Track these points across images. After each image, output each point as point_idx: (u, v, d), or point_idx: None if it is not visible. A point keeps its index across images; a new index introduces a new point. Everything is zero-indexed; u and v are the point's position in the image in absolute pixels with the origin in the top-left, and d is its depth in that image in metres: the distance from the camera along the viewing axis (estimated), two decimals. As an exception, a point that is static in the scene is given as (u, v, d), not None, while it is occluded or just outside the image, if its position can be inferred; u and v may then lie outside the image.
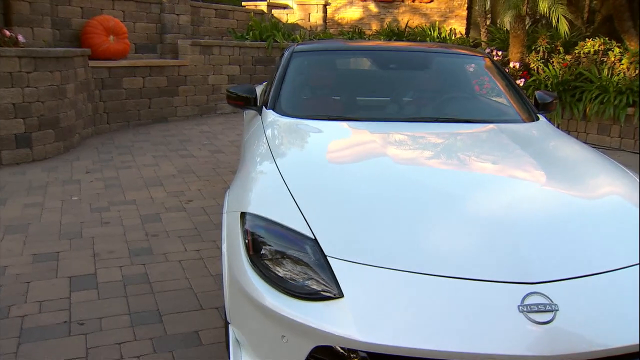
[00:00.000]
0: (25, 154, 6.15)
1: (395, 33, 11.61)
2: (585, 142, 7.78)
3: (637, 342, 1.81)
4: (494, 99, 3.69)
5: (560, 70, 8.26)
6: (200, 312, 3.09)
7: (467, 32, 12.46)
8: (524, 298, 1.81)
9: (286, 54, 3.81)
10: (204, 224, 4.43)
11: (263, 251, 2.04)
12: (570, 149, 2.94)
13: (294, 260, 1.97)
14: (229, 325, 2.21)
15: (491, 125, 3.19)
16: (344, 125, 3.09)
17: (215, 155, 6.78)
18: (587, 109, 7.84)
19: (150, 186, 5.45)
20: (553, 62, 8.46)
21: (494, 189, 2.37)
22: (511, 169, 2.62)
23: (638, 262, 2.03)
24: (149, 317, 3.02)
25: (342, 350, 1.84)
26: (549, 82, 8.19)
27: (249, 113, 3.90)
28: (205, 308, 3.13)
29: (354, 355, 1.82)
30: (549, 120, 3.55)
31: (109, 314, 3.03)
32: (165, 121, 8.94)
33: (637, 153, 7.31)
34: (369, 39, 11.48)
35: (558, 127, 8.13)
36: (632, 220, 2.25)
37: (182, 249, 3.94)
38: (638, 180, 2.60)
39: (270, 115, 3.23)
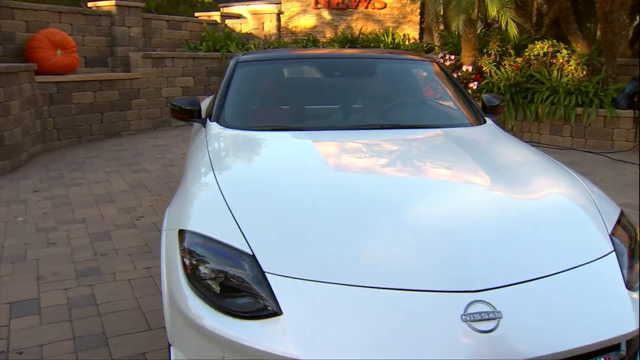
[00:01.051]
0: (-32, 175, 5.93)
1: (349, 40, 11.66)
2: (538, 143, 7.94)
3: (583, 345, 1.80)
4: (441, 103, 3.69)
5: (511, 72, 8.40)
6: (148, 332, 2.98)
7: (421, 37, 12.60)
8: (466, 307, 1.78)
9: (230, 64, 3.74)
10: (155, 240, 4.32)
11: (201, 269, 1.97)
12: (515, 152, 2.95)
13: (232, 278, 1.91)
14: (170, 347, 2.13)
15: (438, 130, 3.18)
16: (287, 136, 3.04)
17: (168, 169, 6.65)
18: (539, 110, 7.98)
19: (100, 203, 5.30)
20: (505, 64, 8.60)
21: (437, 195, 2.35)
22: (455, 173, 2.60)
23: (581, 263, 2.03)
24: (94, 341, 2.90)
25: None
26: (502, 84, 8.32)
27: (195, 126, 3.82)
28: (154, 328, 3.02)
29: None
30: (497, 123, 3.56)
31: (51, 340, 2.90)
32: (119, 135, 8.75)
33: (587, 152, 7.47)
34: (323, 47, 11.50)
35: (512, 129, 8.28)
36: (575, 221, 2.26)
37: (132, 268, 3.82)
38: (581, 180, 2.61)
39: (213, 127, 3.16)
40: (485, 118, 3.48)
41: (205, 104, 4.32)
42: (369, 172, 2.57)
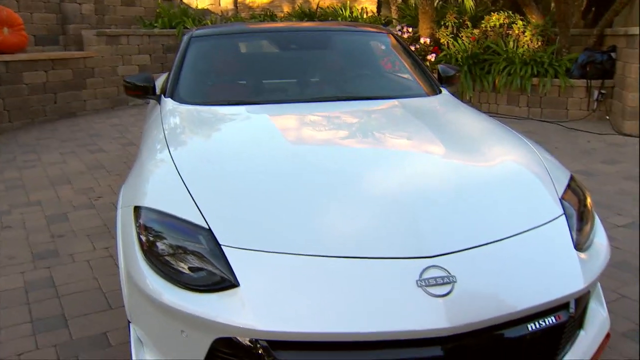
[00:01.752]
0: None
1: (306, 14, 11.55)
2: (496, 113, 8.06)
3: (533, 305, 1.86)
4: (397, 74, 3.71)
5: (469, 44, 8.47)
6: (109, 312, 2.96)
7: (379, 11, 12.56)
8: (422, 272, 1.81)
9: (184, 39, 3.68)
10: (115, 222, 4.25)
11: (158, 245, 1.96)
12: (469, 120, 2.99)
13: (188, 252, 1.90)
14: (130, 324, 2.12)
15: (394, 101, 3.20)
16: (243, 109, 3.01)
17: (127, 148, 6.53)
18: (496, 81, 8.08)
19: (56, 185, 5.18)
20: (462, 36, 8.66)
21: (391, 164, 2.37)
22: (410, 143, 2.63)
23: (532, 227, 2.09)
24: (53, 323, 2.86)
25: (244, 342, 1.79)
26: (459, 56, 8.38)
27: (151, 103, 3.75)
28: (115, 307, 3.00)
29: (258, 346, 1.78)
30: (453, 93, 3.60)
31: (8, 325, 2.85)
32: (74, 116, 8.54)
33: (543, 121, 7.62)
34: (280, 21, 11.38)
35: (470, 100, 8.37)
36: (527, 186, 2.31)
37: (91, 248, 3.76)
38: (533, 147, 2.66)
39: (168, 103, 3.11)
40: (441, 88, 3.52)
41: (160, 81, 4.25)
42: (326, 144, 2.57)
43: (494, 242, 1.96)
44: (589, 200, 2.39)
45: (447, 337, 1.76)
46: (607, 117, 7.31)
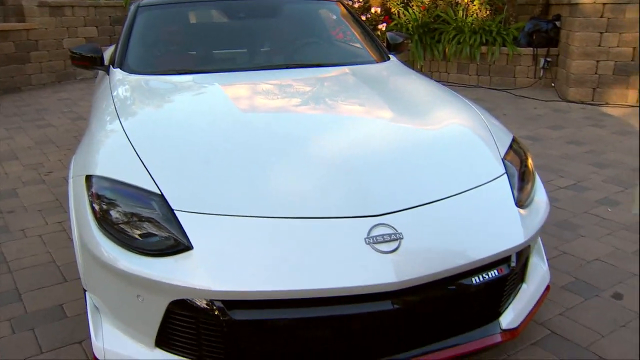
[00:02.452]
0: None
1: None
2: (447, 82, 8.19)
3: (477, 259, 1.96)
4: (346, 42, 3.75)
5: (419, 13, 8.54)
6: (63, 285, 2.95)
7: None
8: (369, 230, 1.89)
9: (131, 9, 3.62)
10: (66, 194, 4.20)
11: (111, 213, 1.97)
12: (415, 85, 3.06)
13: (142, 218, 1.92)
14: (86, 292, 2.14)
15: (344, 68, 3.25)
16: (193, 78, 3.01)
17: (76, 122, 6.39)
18: (446, 50, 8.20)
19: (3, 161, 5.05)
20: (412, 5, 8.71)
21: (339, 128, 2.42)
22: (358, 108, 2.68)
23: (475, 185, 2.18)
24: (6, 297, 2.84)
25: (200, 304, 1.83)
26: (410, 25, 8.45)
27: (99, 74, 3.70)
28: (70, 280, 2.99)
29: (214, 307, 1.82)
30: (401, 60, 3.67)
31: (-40, 300, 2.82)
32: (19, 91, 8.27)
33: (492, 89, 7.79)
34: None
35: (421, 69, 8.48)
36: (470, 147, 2.40)
37: (43, 223, 3.72)
38: (476, 110, 2.76)
39: (117, 73, 3.08)
40: (389, 55, 3.58)
41: (108, 52, 4.17)
42: (275, 110, 2.60)
43: (438, 200, 2.05)
44: (530, 160, 2.50)
45: (396, 291, 1.84)
46: (553, 85, 7.53)
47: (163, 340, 1.94)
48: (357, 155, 2.19)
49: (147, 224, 1.91)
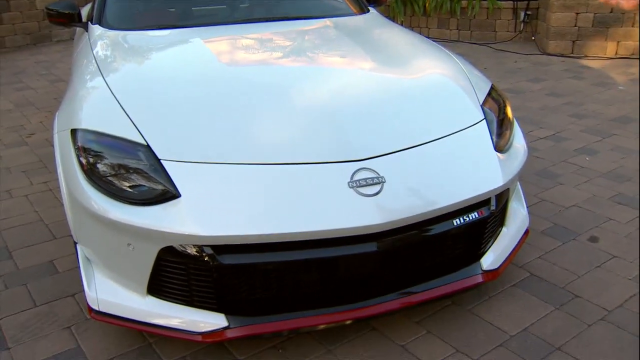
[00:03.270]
0: None
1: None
2: (427, 37, 8.17)
3: (457, 201, 2.02)
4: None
5: (399, -32, 8.44)
6: (53, 242, 2.98)
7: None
8: (352, 174, 1.94)
9: (108, -37, 3.55)
10: (50, 155, 4.19)
11: (98, 165, 2.00)
12: (396, 36, 3.08)
13: (129, 169, 1.95)
14: (77, 245, 2.17)
15: (325, 20, 3.25)
16: (174, 33, 2.99)
17: (55, 84, 6.31)
18: (427, 5, 8.15)
19: (-17, 124, 5.01)
20: (393, -40, 8.61)
21: (321, 78, 2.45)
22: (339, 58, 2.70)
23: (455, 131, 2.23)
24: (-3, 255, 2.88)
25: (189, 250, 1.88)
26: (390, -20, 8.37)
27: (78, 31, 3.65)
28: (59, 237, 3.02)
29: (203, 252, 1.87)
30: (380, 12, 3.67)
31: (-50, 259, 2.84)
32: (-6, 54, 8.12)
33: (473, 43, 7.80)
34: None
35: (401, 24, 8.44)
36: (450, 94, 2.44)
37: (28, 183, 3.72)
38: (456, 59, 2.79)
39: (96, 30, 3.05)
40: (369, 8, 3.58)
41: (85, 10, 4.11)
42: (257, 61, 2.61)
43: (419, 145, 2.10)
44: (508, 107, 2.55)
45: (379, 233, 1.91)
46: (533, 38, 7.55)
47: (155, 288, 2.00)
48: (339, 103, 2.22)
49: (135, 174, 1.94)
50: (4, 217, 3.27)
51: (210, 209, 1.84)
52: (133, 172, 1.94)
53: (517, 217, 2.54)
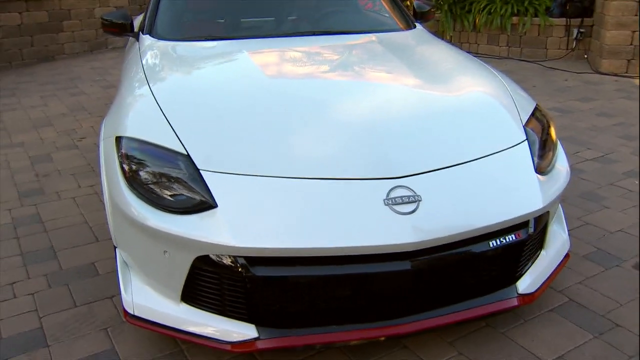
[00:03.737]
0: None
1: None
2: (476, 53, 8.09)
3: (494, 222, 1.99)
4: (372, 10, 3.74)
5: (449, -17, 8.40)
6: (96, 244, 3.07)
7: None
8: (389, 192, 1.93)
9: (161, -25, 3.66)
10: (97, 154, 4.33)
11: (140, 172, 2.05)
12: (440, 53, 3.06)
13: (169, 177, 2.00)
14: (116, 249, 2.24)
15: (370, 36, 3.27)
16: (221, 44, 3.06)
17: (107, 90, 6.52)
18: (477, 20, 8.08)
19: (39, 127, 5.21)
20: (443, -25, 8.57)
21: (363, 94, 2.45)
22: (382, 74, 2.70)
23: (496, 151, 2.20)
24: (43, 255, 2.98)
25: (223, 260, 1.91)
26: (440, -5, 8.33)
27: (130, 40, 3.77)
28: (101, 240, 3.11)
29: (237, 263, 1.90)
30: (427, 28, 3.66)
31: (-1, 256, 2.96)
32: (53, 60, 8.44)
33: (522, 60, 7.68)
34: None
35: (450, 40, 8.38)
36: (492, 113, 2.42)
37: (76, 186, 3.85)
38: (500, 77, 2.76)
39: (146, 40, 3.15)
40: (415, 23, 3.57)
41: (137, 20, 4.24)
42: (300, 76, 2.64)
43: (457, 164, 2.08)
44: (552, 128, 2.51)
45: (414, 252, 1.90)
46: (586, 56, 7.38)
47: (189, 295, 2.03)
48: (379, 120, 2.23)
49: (174, 183, 1.98)
50: (52, 218, 3.39)
51: (246, 221, 1.86)
52: (173, 181, 1.99)
53: (557, 240, 2.48)
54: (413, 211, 1.91)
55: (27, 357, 2.23)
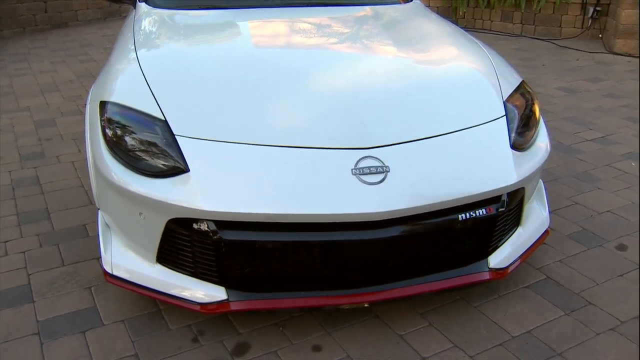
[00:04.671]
0: None
1: None
2: (490, 30, 7.99)
3: (461, 196, 2.01)
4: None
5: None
6: (89, 207, 3.15)
7: None
8: (357, 162, 1.96)
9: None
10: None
11: (120, 136, 2.10)
12: (431, 27, 3.04)
13: (146, 142, 2.04)
14: (99, 211, 2.30)
15: (365, 8, 3.26)
16: (212, 13, 3.07)
17: (117, 58, 6.57)
18: (491, -3, 7.96)
19: (46, 92, 5.29)
20: (460, -51, 8.43)
21: (344, 65, 2.46)
22: (367, 46, 2.70)
23: (471, 125, 2.21)
24: (37, 215, 3.06)
25: (195, 223, 1.96)
26: (455, -30, 8.21)
27: (131, 9, 3.79)
28: (94, 203, 3.18)
29: (207, 227, 1.94)
30: (424, 3, 3.63)
31: (-5, 215, 3.06)
32: (66, 26, 8.51)
33: (536, 38, 7.56)
34: None
35: (463, 16, 8.28)
36: (472, 87, 2.41)
37: (76, 151, 3.93)
38: (486, 52, 2.74)
39: (142, 7, 3.18)
40: (415, -3, 3.56)
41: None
42: (287, 46, 2.65)
43: (430, 137, 2.09)
44: (536, 105, 2.49)
45: (382, 221, 1.93)
46: (600, 36, 7.25)
47: (163, 257, 2.10)
48: (356, 90, 2.24)
49: (151, 147, 2.03)
50: (50, 180, 3.47)
51: (217, 186, 1.91)
52: (149, 145, 2.03)
53: (536, 218, 2.49)
54: (380, 181, 1.93)
55: (13, 310, 2.32)
